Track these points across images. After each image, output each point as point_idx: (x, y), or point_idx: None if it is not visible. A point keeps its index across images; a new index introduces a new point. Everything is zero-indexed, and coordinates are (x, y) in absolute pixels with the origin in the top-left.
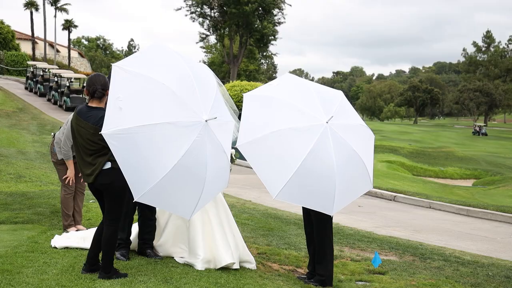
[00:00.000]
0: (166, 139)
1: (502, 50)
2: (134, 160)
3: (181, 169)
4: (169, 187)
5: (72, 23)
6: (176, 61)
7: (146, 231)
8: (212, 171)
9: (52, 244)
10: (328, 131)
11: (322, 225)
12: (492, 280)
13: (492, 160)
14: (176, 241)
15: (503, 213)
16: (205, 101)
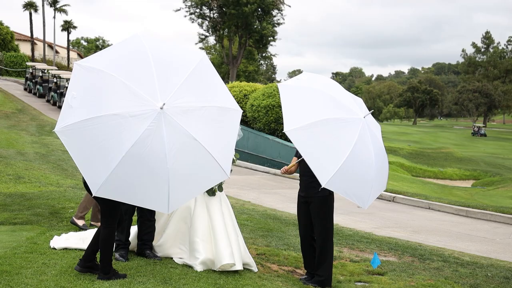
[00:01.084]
0: (113, 130)
1: (501, 51)
2: (85, 154)
3: (133, 160)
4: (125, 179)
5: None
6: (139, 51)
7: (145, 231)
8: (177, 161)
9: (51, 245)
10: (366, 126)
11: (325, 227)
12: (491, 281)
13: (491, 161)
14: (176, 242)
15: (502, 214)
16: (166, 88)
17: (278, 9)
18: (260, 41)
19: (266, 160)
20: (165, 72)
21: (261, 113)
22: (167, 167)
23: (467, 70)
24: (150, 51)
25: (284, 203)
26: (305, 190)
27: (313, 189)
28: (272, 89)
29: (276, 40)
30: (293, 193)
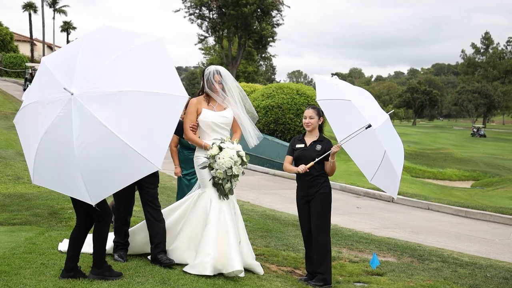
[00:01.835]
0: (34, 118)
1: (501, 51)
2: (23, 144)
3: (47, 147)
4: (48, 167)
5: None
6: (78, 39)
7: (154, 232)
8: (87, 149)
9: (59, 249)
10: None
11: (324, 225)
12: (490, 281)
13: (490, 161)
14: (190, 245)
15: (501, 215)
16: (84, 74)
17: (278, 10)
18: (259, 41)
19: (265, 160)
20: (89, 58)
21: (261, 114)
22: (75, 154)
23: (466, 71)
24: (86, 39)
25: (283, 203)
26: (306, 189)
27: (315, 187)
28: (272, 89)
29: (275, 40)
30: (292, 193)
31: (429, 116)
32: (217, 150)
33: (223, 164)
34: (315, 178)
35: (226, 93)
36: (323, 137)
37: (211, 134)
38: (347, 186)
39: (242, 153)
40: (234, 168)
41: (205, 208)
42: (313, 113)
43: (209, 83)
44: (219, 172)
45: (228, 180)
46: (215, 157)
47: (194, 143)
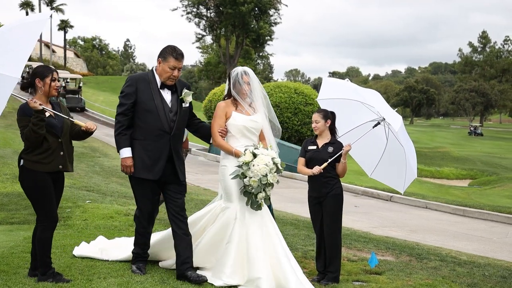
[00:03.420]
0: None
1: (498, 50)
2: None
3: None
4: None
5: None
6: None
7: (181, 247)
8: None
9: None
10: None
11: (336, 223)
12: (489, 280)
13: (488, 160)
14: (208, 254)
15: (499, 213)
16: None
17: (275, 9)
18: (257, 40)
19: None
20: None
21: None
22: None
23: (463, 70)
24: None
25: (282, 202)
26: (317, 190)
27: (327, 188)
28: (269, 88)
29: (273, 39)
30: (290, 193)
31: (427, 115)
32: (251, 156)
33: (258, 171)
34: (328, 179)
35: (252, 97)
36: (335, 139)
37: (240, 140)
38: (345, 185)
39: (277, 160)
40: (269, 176)
41: (228, 225)
42: (319, 117)
43: (237, 85)
44: (253, 181)
45: (262, 189)
46: (249, 164)
47: (224, 149)
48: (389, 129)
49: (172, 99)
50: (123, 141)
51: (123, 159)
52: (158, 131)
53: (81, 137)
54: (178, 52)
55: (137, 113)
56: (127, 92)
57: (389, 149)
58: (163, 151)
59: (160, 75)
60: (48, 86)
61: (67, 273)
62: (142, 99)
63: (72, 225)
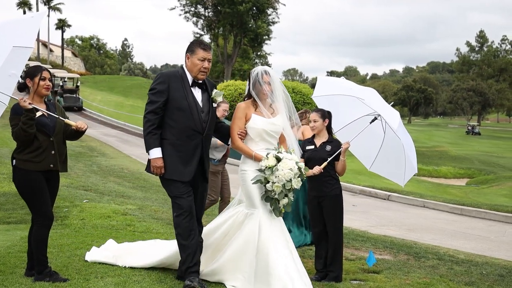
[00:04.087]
0: None
1: (495, 49)
2: None
3: None
4: None
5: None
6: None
7: None
8: None
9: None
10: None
11: (338, 223)
12: (486, 278)
13: (485, 159)
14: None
15: (496, 212)
16: None
17: (273, 8)
18: (255, 40)
19: None
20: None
21: None
22: None
23: (461, 69)
24: None
25: None
26: (318, 189)
27: (327, 187)
28: None
29: (271, 39)
30: None
31: (424, 114)
32: (274, 160)
33: (283, 176)
34: (328, 178)
35: (273, 98)
36: (332, 138)
37: (259, 143)
38: (343, 184)
39: (301, 164)
40: (294, 181)
41: (253, 232)
42: (317, 116)
43: (257, 85)
44: (276, 186)
45: (285, 195)
46: (272, 168)
47: (243, 152)
48: (386, 123)
49: (203, 98)
50: (153, 141)
51: (153, 160)
52: (190, 131)
53: (74, 136)
54: (205, 44)
55: (168, 112)
56: (159, 89)
57: (387, 142)
58: (195, 152)
59: (191, 70)
60: (37, 85)
61: (64, 272)
62: (175, 97)
63: (69, 225)
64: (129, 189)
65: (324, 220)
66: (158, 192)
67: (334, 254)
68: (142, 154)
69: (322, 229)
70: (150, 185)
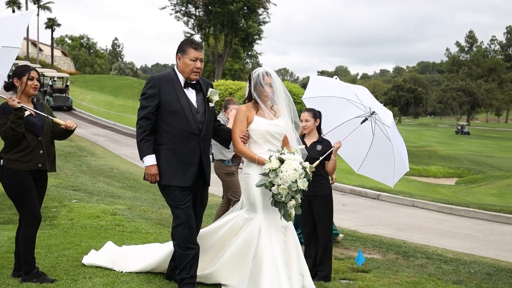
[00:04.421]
0: None
1: (485, 50)
2: None
3: None
4: None
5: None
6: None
7: None
8: None
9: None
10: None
11: (328, 225)
12: (474, 277)
13: (474, 159)
14: (230, 270)
15: (485, 211)
16: None
17: (264, 8)
18: (245, 39)
19: None
20: None
21: None
22: None
23: (451, 69)
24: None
25: None
26: (309, 188)
27: (317, 187)
28: None
29: (261, 38)
30: None
31: (414, 114)
32: (277, 162)
33: (287, 178)
34: (319, 178)
35: (275, 99)
36: (322, 138)
37: (263, 146)
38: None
39: (306, 164)
40: (299, 181)
41: (252, 239)
42: (308, 116)
43: (258, 87)
44: (282, 188)
45: (292, 197)
46: (276, 170)
47: (246, 156)
48: (375, 124)
49: (198, 98)
50: (146, 148)
51: (147, 167)
52: (186, 134)
53: (63, 136)
54: (196, 43)
55: (162, 116)
56: (149, 94)
57: (376, 144)
58: (194, 155)
59: (183, 71)
60: (25, 85)
61: (51, 273)
62: (167, 101)
63: (57, 225)
64: (118, 189)
65: (314, 219)
66: (148, 192)
67: (323, 253)
68: (132, 154)
69: (312, 228)
70: (140, 185)
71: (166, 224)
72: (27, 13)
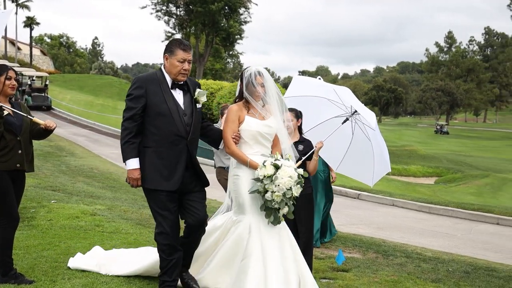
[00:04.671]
0: None
1: (463, 50)
2: None
3: None
4: None
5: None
6: None
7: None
8: None
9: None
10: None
11: (310, 224)
12: (452, 275)
13: (453, 158)
14: (221, 273)
15: (463, 210)
16: None
17: (245, 7)
18: (227, 39)
19: None
20: None
21: None
22: None
23: (430, 69)
24: None
25: None
26: None
27: None
28: None
29: (243, 38)
30: None
31: (394, 113)
32: (272, 169)
33: (283, 185)
34: None
35: (267, 99)
36: (303, 138)
37: (254, 147)
38: None
39: (300, 170)
40: (294, 189)
41: (241, 240)
42: (291, 116)
43: (250, 86)
44: (277, 195)
45: (285, 204)
46: (272, 177)
47: (237, 158)
48: (355, 124)
49: (185, 100)
50: (130, 151)
51: (130, 171)
52: (173, 136)
53: (42, 135)
54: (185, 44)
55: (148, 118)
56: (136, 95)
57: (355, 143)
58: (180, 159)
59: (170, 72)
60: (2, 85)
61: (30, 274)
62: (154, 102)
63: (36, 226)
64: (98, 189)
65: (295, 219)
66: (128, 192)
67: (304, 253)
68: (112, 153)
69: (293, 228)
70: (120, 185)
71: (147, 225)
72: (6, 12)
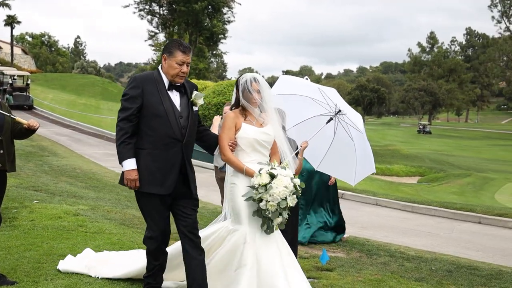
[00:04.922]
0: None
1: (445, 51)
2: None
3: None
4: None
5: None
6: None
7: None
8: None
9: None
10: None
11: (295, 223)
12: (435, 274)
13: (435, 157)
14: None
15: (445, 209)
16: None
17: (229, 7)
18: (210, 38)
19: None
20: None
21: (212, 111)
22: None
23: (413, 69)
24: None
25: None
26: None
27: None
28: (223, 86)
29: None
30: None
31: (378, 113)
32: (268, 178)
33: (278, 195)
34: None
35: (264, 106)
36: (287, 138)
37: (251, 154)
38: None
39: (296, 180)
40: (289, 199)
41: (236, 250)
42: None
43: (246, 93)
44: (271, 205)
45: (279, 214)
46: (266, 186)
47: (233, 165)
48: (339, 124)
49: (182, 102)
50: (126, 151)
51: (127, 172)
52: (168, 139)
53: (24, 135)
54: (184, 45)
55: (144, 119)
56: (132, 95)
57: (337, 142)
58: (175, 162)
59: (167, 73)
60: None
61: (12, 275)
62: (150, 102)
63: (18, 226)
64: (81, 189)
65: None
66: (111, 192)
67: (293, 249)
68: (95, 153)
69: None
70: (103, 185)
71: (130, 225)
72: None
